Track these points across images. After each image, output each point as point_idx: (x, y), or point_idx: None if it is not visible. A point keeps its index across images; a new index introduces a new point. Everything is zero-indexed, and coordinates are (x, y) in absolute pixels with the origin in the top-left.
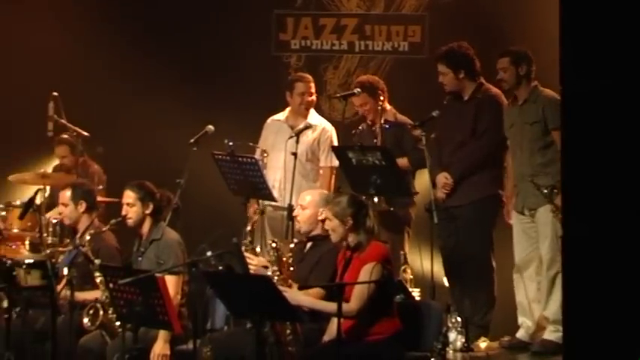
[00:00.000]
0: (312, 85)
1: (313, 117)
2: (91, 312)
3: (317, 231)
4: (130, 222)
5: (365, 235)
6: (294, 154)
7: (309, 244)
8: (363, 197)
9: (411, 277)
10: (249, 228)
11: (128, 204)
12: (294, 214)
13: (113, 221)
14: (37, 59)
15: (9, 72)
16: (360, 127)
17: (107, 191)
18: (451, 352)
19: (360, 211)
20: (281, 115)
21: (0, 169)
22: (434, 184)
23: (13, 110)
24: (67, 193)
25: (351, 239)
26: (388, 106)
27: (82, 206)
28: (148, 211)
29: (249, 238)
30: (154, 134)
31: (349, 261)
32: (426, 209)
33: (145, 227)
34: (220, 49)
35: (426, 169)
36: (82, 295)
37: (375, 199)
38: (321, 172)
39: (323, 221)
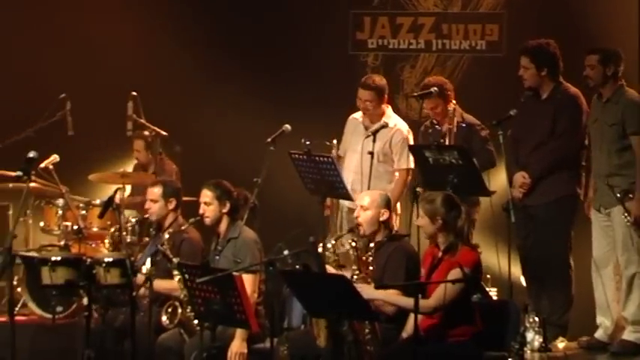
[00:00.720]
0: (363, 91)
1: (391, 117)
2: (170, 310)
3: (380, 234)
4: (207, 221)
5: (455, 237)
6: (371, 154)
7: (372, 246)
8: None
9: (488, 276)
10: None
11: (205, 203)
12: (355, 215)
13: (191, 220)
14: (116, 60)
15: (90, 72)
16: (426, 124)
17: (184, 190)
18: (529, 351)
19: (451, 211)
20: (359, 114)
21: (80, 168)
22: (511, 183)
23: (93, 110)
24: (155, 190)
25: (441, 239)
26: (456, 107)
27: (172, 204)
28: (225, 210)
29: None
30: (232, 133)
31: (439, 261)
32: (503, 208)
33: (223, 226)
34: (298, 48)
35: (502, 168)
36: (161, 284)
37: None
38: (396, 174)
39: (384, 221)
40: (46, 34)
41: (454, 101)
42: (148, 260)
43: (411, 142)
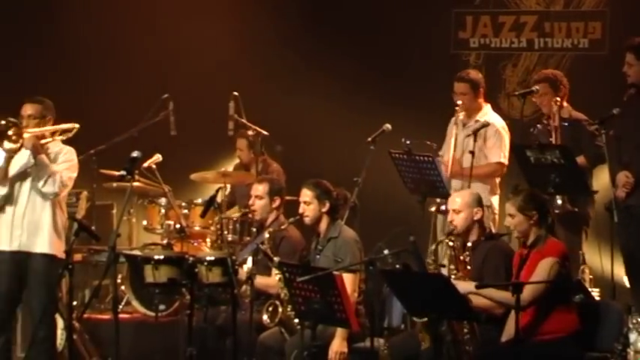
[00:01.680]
0: (458, 84)
1: (487, 113)
2: (271, 309)
3: (474, 234)
4: (307, 220)
5: (545, 230)
6: (472, 153)
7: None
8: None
9: (591, 277)
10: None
11: (305, 202)
12: (449, 219)
13: (291, 219)
14: (218, 60)
15: (192, 73)
16: (537, 126)
17: (286, 189)
18: (632, 353)
19: (544, 205)
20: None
21: (182, 168)
22: (614, 183)
23: (195, 110)
24: (261, 187)
25: (533, 234)
26: (565, 104)
27: (276, 202)
28: (324, 209)
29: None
30: (332, 133)
31: (526, 259)
32: (606, 208)
33: (323, 225)
34: (399, 47)
35: (604, 167)
36: (260, 281)
37: (559, 201)
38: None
39: (478, 220)
40: (148, 36)
41: (562, 94)
42: (249, 259)
43: (507, 138)
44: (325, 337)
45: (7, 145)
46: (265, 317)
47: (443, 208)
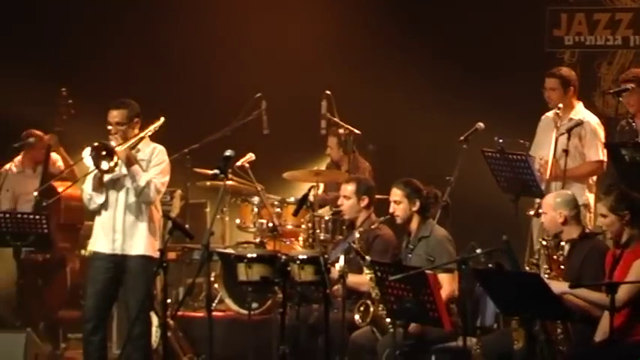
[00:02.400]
0: (548, 79)
1: (580, 112)
2: (362, 309)
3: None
4: (397, 219)
5: (638, 230)
6: (566, 152)
7: (564, 245)
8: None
9: None
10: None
11: (395, 201)
12: (541, 220)
13: (382, 218)
14: (311, 59)
15: (284, 72)
16: (621, 123)
17: (377, 188)
18: None
19: (636, 205)
20: (551, 112)
21: (275, 166)
22: None
23: (287, 109)
24: (349, 187)
25: (625, 234)
26: None
27: (364, 201)
28: (415, 208)
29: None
30: (425, 131)
31: (619, 258)
32: None
33: (413, 224)
34: (493, 45)
35: None
36: (352, 279)
37: None
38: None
39: (573, 220)
40: (242, 34)
41: None
42: (341, 257)
43: (602, 136)
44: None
45: (104, 165)
46: (357, 317)
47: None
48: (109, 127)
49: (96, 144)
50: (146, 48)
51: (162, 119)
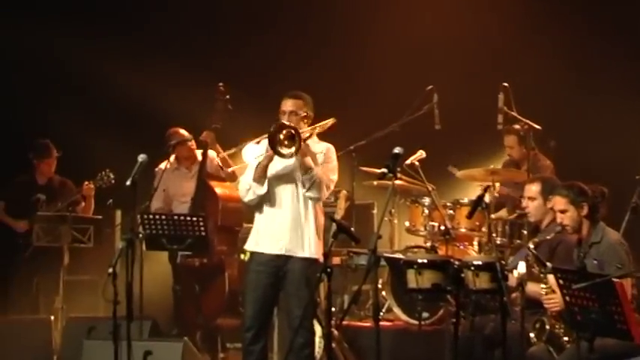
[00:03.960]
0: None
1: None
2: (537, 326)
3: None
4: (567, 229)
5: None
6: None
7: None
8: None
9: None
10: None
11: (561, 211)
12: None
13: (558, 228)
14: (487, 49)
15: (458, 63)
16: None
17: None
18: None
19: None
20: None
21: (447, 164)
22: None
23: (461, 102)
24: (533, 187)
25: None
26: None
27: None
28: (583, 213)
29: None
30: (610, 128)
31: None
32: None
33: (584, 230)
34: None
35: None
36: (534, 288)
37: None
38: None
39: None
40: (411, 23)
41: None
42: (521, 264)
43: None
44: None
45: (284, 150)
46: (532, 335)
47: None
48: (281, 116)
49: (281, 123)
50: (307, 40)
51: (333, 119)
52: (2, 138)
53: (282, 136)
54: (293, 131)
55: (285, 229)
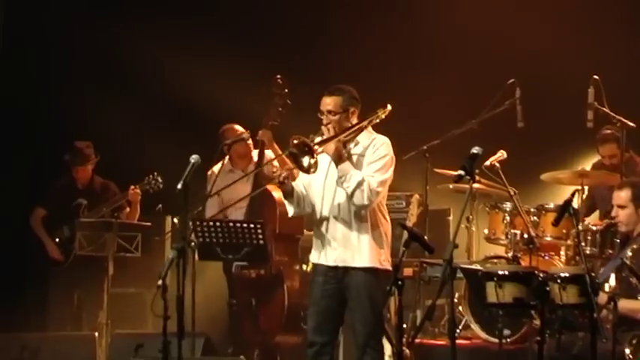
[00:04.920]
0: None
1: None
2: (634, 342)
3: None
4: (620, 226)
5: None
6: None
7: None
8: None
9: None
10: None
11: (619, 206)
12: None
13: None
14: (576, 38)
15: (543, 53)
16: None
17: None
18: None
19: None
20: None
21: (531, 166)
22: None
23: (546, 97)
24: (622, 194)
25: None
26: None
27: None
28: None
29: None
30: None
31: None
32: None
33: (638, 230)
34: None
35: None
36: (627, 304)
37: None
38: None
39: None
40: (491, 12)
41: None
42: (612, 276)
43: None
44: None
45: (305, 161)
46: (627, 351)
47: None
48: (320, 116)
49: (295, 141)
50: (374, 32)
51: (388, 107)
52: (48, 137)
53: (305, 149)
54: (304, 145)
55: (336, 239)
